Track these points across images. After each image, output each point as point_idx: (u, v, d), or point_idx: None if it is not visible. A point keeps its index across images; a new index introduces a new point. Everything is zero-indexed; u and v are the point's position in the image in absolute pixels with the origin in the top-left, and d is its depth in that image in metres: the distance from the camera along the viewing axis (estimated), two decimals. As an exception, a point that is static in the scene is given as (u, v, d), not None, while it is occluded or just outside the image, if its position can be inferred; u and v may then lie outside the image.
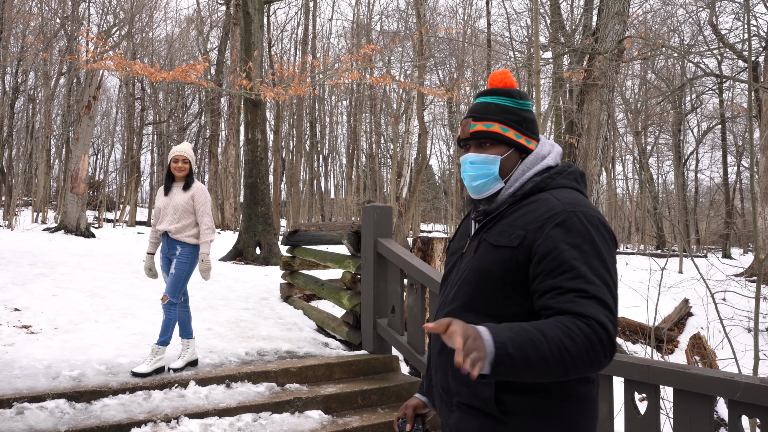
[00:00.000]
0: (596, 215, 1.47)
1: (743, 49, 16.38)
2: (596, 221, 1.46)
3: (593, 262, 1.40)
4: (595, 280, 1.37)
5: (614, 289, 1.40)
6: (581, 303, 1.35)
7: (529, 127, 1.64)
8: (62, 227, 15.96)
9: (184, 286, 4.65)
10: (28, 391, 3.87)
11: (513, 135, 1.61)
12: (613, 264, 1.43)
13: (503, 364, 1.27)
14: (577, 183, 1.60)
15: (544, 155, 1.63)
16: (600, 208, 20.96)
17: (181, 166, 4.72)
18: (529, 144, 1.63)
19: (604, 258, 1.42)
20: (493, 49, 22.49)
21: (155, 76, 11.80)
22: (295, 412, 4.25)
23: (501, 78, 1.69)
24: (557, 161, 1.64)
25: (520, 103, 1.65)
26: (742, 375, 2.53)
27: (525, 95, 1.67)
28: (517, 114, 1.64)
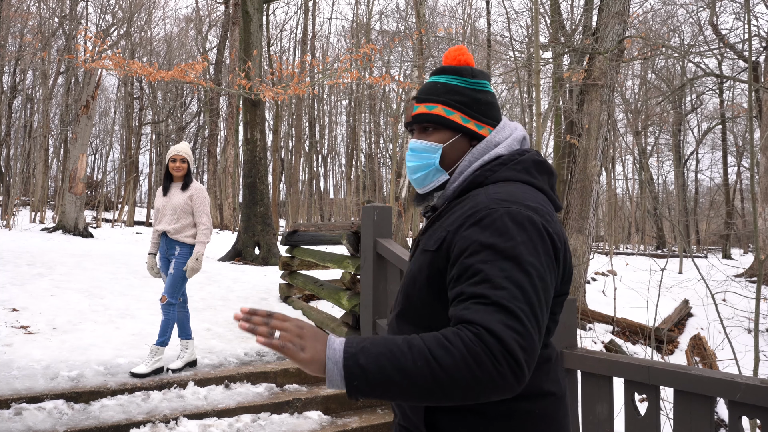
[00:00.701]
0: (526, 212, 1.20)
1: (744, 49, 16.38)
2: (523, 218, 1.19)
3: (506, 264, 1.13)
4: (503, 285, 1.11)
5: (534, 297, 1.12)
6: (475, 310, 1.10)
7: (482, 110, 1.41)
8: (60, 227, 15.94)
9: (183, 287, 4.64)
10: (27, 392, 3.85)
11: (458, 118, 1.39)
12: (540, 268, 1.16)
13: (356, 377, 1.06)
14: (527, 174, 1.33)
15: (498, 142, 1.39)
16: (600, 208, 20.96)
17: (179, 165, 4.70)
18: (480, 129, 1.40)
19: (523, 260, 1.14)
20: (492, 48, 22.49)
21: (154, 75, 11.78)
22: (295, 412, 4.23)
23: (454, 55, 1.47)
24: (511, 148, 1.39)
25: (472, 82, 1.42)
26: (742, 376, 2.52)
27: (480, 73, 1.44)
28: (466, 95, 1.41)
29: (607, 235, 22.93)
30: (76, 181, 15.82)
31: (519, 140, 1.42)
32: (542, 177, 1.37)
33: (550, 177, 1.39)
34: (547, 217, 1.25)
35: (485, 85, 1.44)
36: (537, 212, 1.22)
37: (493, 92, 1.45)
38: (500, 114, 1.46)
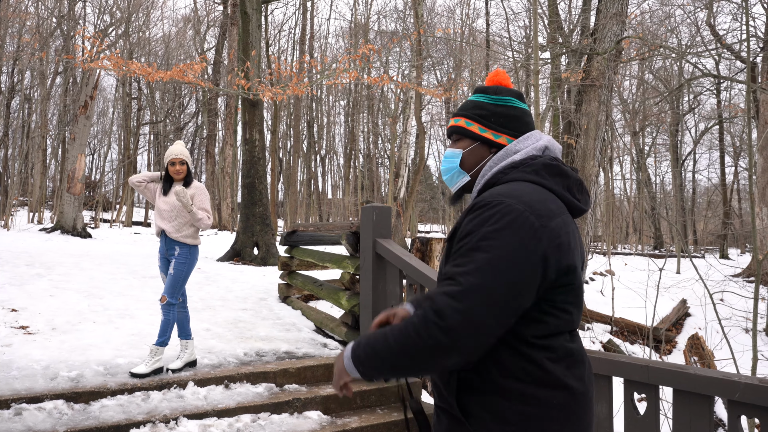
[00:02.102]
0: (517, 206, 1.34)
1: (741, 49, 16.41)
2: (510, 209, 1.33)
3: (479, 246, 1.31)
4: (465, 263, 1.30)
5: (490, 275, 1.27)
6: (441, 286, 1.33)
7: (500, 122, 1.60)
8: (59, 227, 15.93)
9: (183, 287, 4.64)
10: (26, 392, 3.85)
11: (476, 129, 1.61)
12: (510, 254, 1.29)
13: (360, 364, 1.39)
14: (535, 175, 1.47)
15: (517, 150, 1.56)
16: (598, 208, 20.99)
17: (178, 169, 4.66)
18: (497, 138, 1.59)
19: (493, 244, 1.29)
20: (491, 49, 22.51)
21: (152, 75, 11.78)
22: (294, 412, 4.24)
23: (490, 77, 1.70)
24: (527, 155, 1.54)
25: (494, 98, 1.63)
26: (740, 375, 2.54)
27: (501, 90, 1.65)
28: (487, 109, 1.62)
29: (605, 236, 22.98)
30: (74, 182, 15.81)
31: (539, 149, 1.56)
32: (554, 179, 1.48)
33: (565, 179, 1.49)
34: (542, 212, 1.36)
35: (508, 100, 1.62)
36: (530, 206, 1.35)
37: (518, 107, 1.62)
38: (525, 126, 1.61)
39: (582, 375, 1.43)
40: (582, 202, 1.52)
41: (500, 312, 1.27)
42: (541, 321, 1.37)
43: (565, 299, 1.40)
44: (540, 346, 1.37)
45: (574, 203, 1.49)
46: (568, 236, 1.39)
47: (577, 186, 1.52)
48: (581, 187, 1.54)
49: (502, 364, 1.37)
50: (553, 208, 1.39)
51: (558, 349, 1.39)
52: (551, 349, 1.38)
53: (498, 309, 1.27)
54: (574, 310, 1.43)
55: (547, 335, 1.38)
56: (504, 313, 1.28)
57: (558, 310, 1.39)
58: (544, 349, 1.37)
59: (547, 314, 1.37)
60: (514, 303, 1.29)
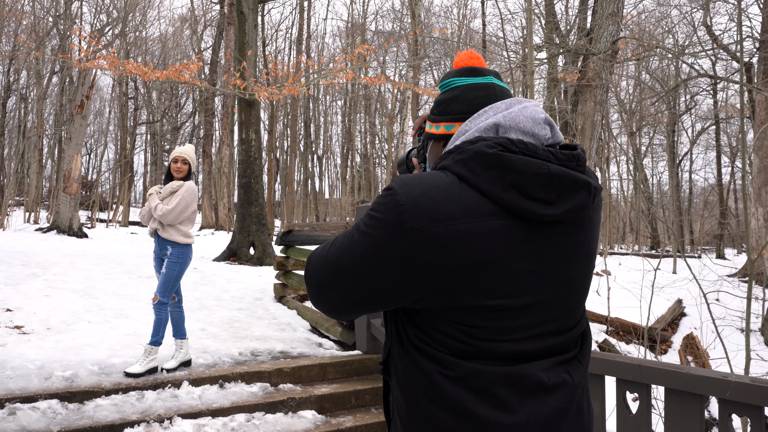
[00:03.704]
0: (400, 197, 1.12)
1: (737, 50, 16.45)
2: (388, 199, 1.14)
3: (358, 222, 1.19)
4: (343, 235, 1.22)
5: (336, 249, 1.19)
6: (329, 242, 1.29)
7: (438, 109, 1.34)
8: (55, 227, 15.91)
9: (175, 287, 4.64)
10: (21, 392, 3.85)
11: (427, 127, 1.38)
12: (360, 237, 1.15)
13: None
14: (462, 166, 1.15)
15: (465, 132, 1.24)
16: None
17: (179, 167, 4.75)
18: (437, 129, 1.33)
19: (358, 226, 1.17)
20: (488, 49, 22.53)
21: (148, 75, 11.77)
22: (289, 412, 4.24)
23: None
24: (467, 139, 1.21)
25: (440, 86, 1.39)
26: (732, 374, 2.55)
27: (446, 75, 1.38)
28: (435, 101, 1.38)
29: (602, 235, 23.05)
30: (70, 181, 15.79)
31: (486, 128, 1.20)
32: (487, 173, 1.12)
33: (508, 172, 1.12)
34: (427, 213, 1.09)
35: (448, 83, 1.35)
36: (413, 202, 1.10)
37: (460, 84, 1.33)
38: (470, 103, 1.29)
39: (517, 406, 1.13)
40: (551, 202, 1.13)
41: (337, 290, 1.19)
42: (430, 335, 1.16)
43: (480, 324, 1.13)
44: (429, 356, 1.16)
45: (525, 205, 1.12)
46: (481, 251, 1.09)
47: (542, 180, 1.12)
48: (551, 181, 1.13)
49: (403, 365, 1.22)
50: (452, 211, 1.09)
51: (457, 367, 1.13)
52: (445, 365, 1.14)
53: (336, 285, 1.19)
54: (507, 338, 1.14)
55: (445, 352, 1.15)
56: (339, 296, 1.20)
57: (465, 335, 1.13)
58: (435, 362, 1.15)
59: (441, 332, 1.15)
60: (354, 295, 1.18)
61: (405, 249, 1.10)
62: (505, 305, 1.12)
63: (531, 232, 1.13)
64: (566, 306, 1.20)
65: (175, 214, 4.57)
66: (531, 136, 1.19)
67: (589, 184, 1.17)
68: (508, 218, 1.12)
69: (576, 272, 1.21)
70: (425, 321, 1.16)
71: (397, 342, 1.24)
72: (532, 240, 1.14)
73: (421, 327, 1.17)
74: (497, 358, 1.14)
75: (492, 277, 1.10)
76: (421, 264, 1.10)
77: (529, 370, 1.14)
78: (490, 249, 1.10)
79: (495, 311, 1.12)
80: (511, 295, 1.12)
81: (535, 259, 1.14)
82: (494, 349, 1.13)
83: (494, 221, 1.11)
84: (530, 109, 1.22)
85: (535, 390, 1.14)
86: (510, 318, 1.13)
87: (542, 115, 1.22)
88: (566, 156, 1.18)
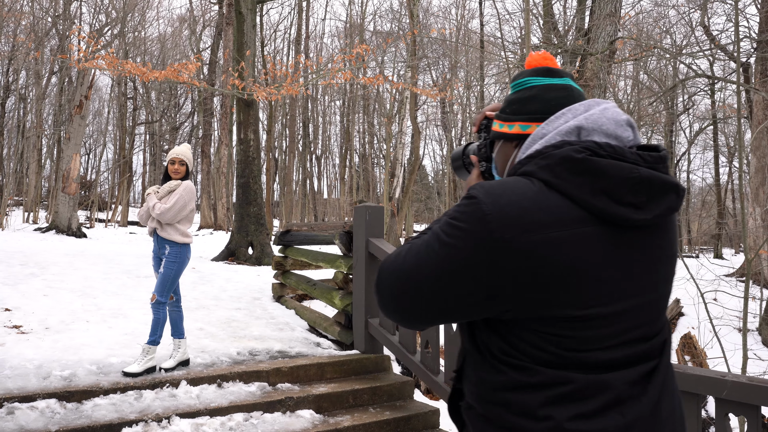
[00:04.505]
0: (485, 205, 1.09)
1: (734, 50, 16.48)
2: (472, 208, 1.11)
3: (434, 227, 1.17)
4: (420, 237, 1.20)
5: (412, 257, 1.16)
6: (408, 241, 1.26)
7: (513, 109, 1.31)
8: (53, 227, 15.90)
9: (173, 286, 4.65)
10: (19, 391, 3.86)
11: (497, 126, 1.35)
12: (441, 247, 1.12)
13: None
14: (548, 171, 1.13)
15: (543, 135, 1.21)
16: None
17: (177, 168, 4.76)
18: (510, 129, 1.30)
19: (437, 236, 1.13)
20: (486, 49, 22.55)
21: (147, 75, 11.78)
22: (287, 411, 4.25)
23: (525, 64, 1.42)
24: (550, 142, 1.18)
25: (512, 86, 1.36)
26: (729, 374, 2.56)
27: (520, 74, 1.36)
28: (506, 100, 1.35)
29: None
30: (69, 181, 15.78)
31: (567, 131, 1.18)
32: (576, 179, 1.10)
33: (598, 178, 1.10)
34: (515, 222, 1.07)
35: (523, 82, 1.33)
36: (501, 211, 1.08)
37: (536, 84, 1.30)
38: (548, 103, 1.27)
39: (600, 415, 1.10)
40: (641, 206, 1.11)
41: (415, 301, 1.16)
42: (515, 345, 1.14)
43: (569, 334, 1.10)
44: (511, 365, 1.14)
45: (615, 211, 1.10)
46: (572, 260, 1.07)
47: (633, 184, 1.10)
48: (642, 185, 1.10)
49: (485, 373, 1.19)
50: (542, 219, 1.07)
51: (540, 374, 1.12)
52: (529, 373, 1.13)
53: (414, 297, 1.16)
54: (595, 347, 1.11)
55: (527, 363, 1.13)
56: (417, 308, 1.17)
57: (553, 345, 1.11)
58: (517, 370, 1.13)
59: (527, 342, 1.12)
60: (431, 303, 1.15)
61: (492, 260, 1.08)
62: (595, 314, 1.10)
63: (619, 238, 1.11)
64: (651, 312, 1.17)
65: (172, 213, 4.58)
66: (614, 138, 1.17)
67: (678, 187, 1.14)
68: (597, 225, 1.10)
69: (660, 276, 1.19)
70: (510, 331, 1.14)
71: (474, 350, 1.21)
72: (621, 245, 1.12)
73: (504, 337, 1.14)
74: (583, 366, 1.11)
75: (582, 286, 1.08)
76: (509, 275, 1.08)
77: (615, 379, 1.12)
78: (580, 257, 1.08)
79: (585, 321, 1.10)
80: (601, 304, 1.10)
81: (624, 265, 1.12)
82: (582, 359, 1.11)
83: (584, 228, 1.09)
84: (611, 110, 1.19)
85: (618, 400, 1.11)
86: (599, 327, 1.11)
87: (624, 116, 1.19)
88: (654, 158, 1.15)
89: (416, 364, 4.56)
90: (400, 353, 4.79)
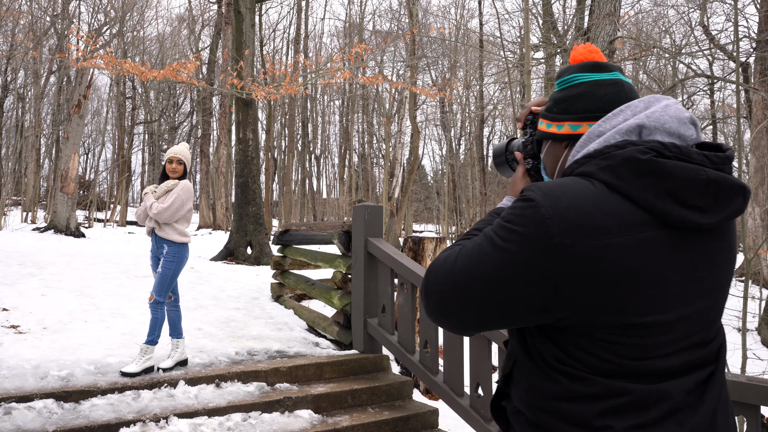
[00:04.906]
0: (544, 208, 1.05)
1: (734, 50, 16.48)
2: (529, 211, 1.06)
3: (488, 231, 1.12)
4: (472, 240, 1.16)
5: (466, 262, 1.11)
6: (455, 242, 1.23)
7: (561, 108, 1.26)
8: (52, 227, 15.88)
9: (171, 286, 4.64)
10: (16, 391, 3.84)
11: (544, 126, 1.30)
12: (495, 251, 1.08)
13: None
14: (609, 173, 1.07)
15: (600, 133, 1.15)
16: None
17: (174, 167, 4.76)
18: (560, 129, 1.25)
19: (491, 239, 1.09)
20: (485, 49, 22.55)
21: (146, 74, 11.76)
22: (285, 411, 4.24)
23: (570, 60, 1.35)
24: (610, 141, 1.12)
25: (558, 83, 1.30)
26: (729, 373, 2.55)
27: (566, 70, 1.30)
28: (552, 98, 1.30)
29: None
30: (67, 181, 15.76)
31: (627, 130, 1.12)
32: (640, 180, 1.05)
33: (664, 179, 1.05)
34: (576, 226, 1.02)
35: (571, 79, 1.27)
36: (561, 215, 1.03)
37: (585, 81, 1.24)
38: (599, 101, 1.21)
39: (657, 426, 1.07)
40: (707, 209, 1.06)
41: (467, 307, 1.12)
42: (570, 353, 1.10)
43: (628, 342, 1.07)
44: (565, 373, 1.11)
45: (681, 214, 1.05)
46: (635, 265, 1.03)
47: (699, 186, 1.05)
48: (709, 187, 1.05)
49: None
50: (605, 223, 1.03)
51: (596, 384, 1.08)
52: (584, 382, 1.09)
53: (465, 302, 1.12)
54: (654, 355, 1.07)
55: (582, 369, 1.09)
56: (468, 313, 1.13)
57: (610, 353, 1.07)
58: (571, 379, 1.10)
59: (583, 350, 1.08)
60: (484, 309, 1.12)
61: (551, 266, 1.03)
62: (656, 321, 1.06)
63: (682, 241, 1.07)
64: (709, 316, 1.13)
65: (170, 213, 4.57)
66: (677, 137, 1.11)
67: (744, 189, 1.09)
68: (661, 228, 1.05)
69: (721, 279, 1.14)
70: (565, 338, 1.10)
71: (525, 356, 1.17)
72: (683, 249, 1.07)
73: (559, 344, 1.10)
74: (640, 375, 1.08)
75: (644, 292, 1.04)
76: (568, 281, 1.03)
77: (673, 389, 1.08)
78: (644, 263, 1.04)
79: (645, 328, 1.06)
80: (663, 310, 1.06)
81: (686, 270, 1.08)
82: (639, 367, 1.08)
83: (648, 233, 1.05)
84: (673, 107, 1.14)
85: (675, 409, 1.08)
86: (659, 334, 1.07)
87: (686, 113, 1.14)
88: (720, 159, 1.09)
89: (415, 364, 4.55)
90: (399, 353, 4.78)
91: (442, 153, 37.41)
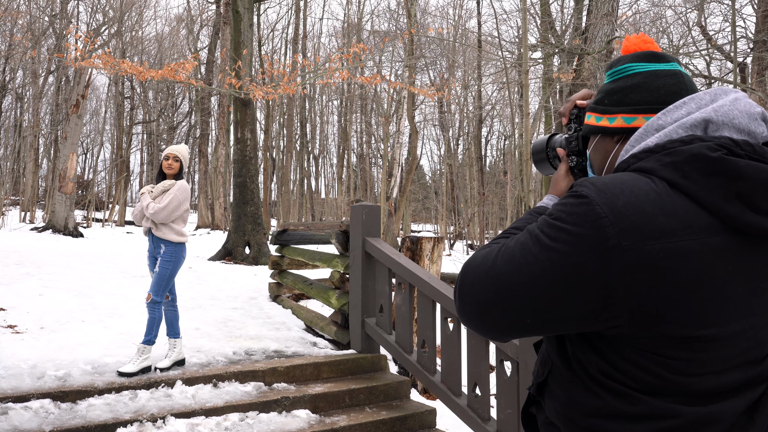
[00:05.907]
0: (599, 207, 0.95)
1: (731, 50, 16.51)
2: (583, 208, 0.97)
3: (533, 228, 1.04)
4: (513, 239, 1.07)
5: (506, 262, 1.03)
6: (495, 239, 1.16)
7: (613, 100, 1.16)
8: (50, 227, 15.87)
9: (168, 285, 4.64)
10: (13, 391, 3.84)
11: (593, 120, 1.21)
12: (541, 251, 0.99)
13: None
14: (672, 169, 0.98)
15: (660, 127, 1.06)
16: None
17: (171, 164, 4.76)
18: (612, 122, 1.16)
19: (537, 237, 1.01)
20: (483, 49, 22.56)
21: (144, 74, 11.76)
22: (283, 411, 4.24)
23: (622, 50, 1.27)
24: (672, 136, 1.03)
25: (609, 74, 1.22)
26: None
27: (618, 61, 1.21)
28: (602, 90, 1.21)
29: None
30: (66, 181, 15.75)
31: (692, 124, 1.03)
32: (706, 180, 0.96)
33: (733, 180, 0.95)
34: (635, 228, 0.94)
35: (623, 69, 1.18)
36: (618, 215, 0.94)
37: (640, 71, 1.16)
38: (657, 92, 1.12)
39: None
40: (748, 216, 0.96)
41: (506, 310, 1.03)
42: (616, 365, 1.02)
43: (682, 356, 0.98)
44: (607, 387, 1.03)
45: (751, 219, 0.96)
46: (698, 273, 0.94)
47: (747, 190, 0.95)
48: None
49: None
50: (668, 225, 0.94)
51: (641, 404, 1.00)
52: (628, 400, 1.01)
53: (505, 305, 1.03)
54: (707, 371, 0.99)
55: (629, 386, 1.01)
56: (507, 317, 1.03)
57: (661, 367, 0.99)
58: (613, 394, 1.02)
59: (631, 362, 1.00)
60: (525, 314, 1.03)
61: (606, 269, 0.94)
62: (715, 335, 0.97)
63: (748, 248, 0.97)
64: (766, 331, 1.02)
65: (166, 213, 4.57)
66: (747, 134, 1.01)
67: None
68: (728, 233, 0.96)
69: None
70: (613, 349, 1.01)
71: (563, 365, 1.09)
72: (749, 257, 0.97)
73: (604, 355, 1.02)
74: (689, 394, 0.99)
75: (705, 302, 0.95)
76: (624, 287, 0.94)
77: (724, 412, 0.99)
78: (708, 270, 0.94)
79: (702, 341, 0.97)
80: (723, 323, 0.97)
81: (750, 279, 0.98)
82: (691, 384, 0.99)
83: (714, 238, 0.95)
84: (743, 101, 1.04)
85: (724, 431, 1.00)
86: (716, 348, 0.98)
87: (758, 108, 1.04)
88: None
89: (413, 364, 4.56)
90: (397, 353, 4.79)
91: (441, 153, 37.42)
